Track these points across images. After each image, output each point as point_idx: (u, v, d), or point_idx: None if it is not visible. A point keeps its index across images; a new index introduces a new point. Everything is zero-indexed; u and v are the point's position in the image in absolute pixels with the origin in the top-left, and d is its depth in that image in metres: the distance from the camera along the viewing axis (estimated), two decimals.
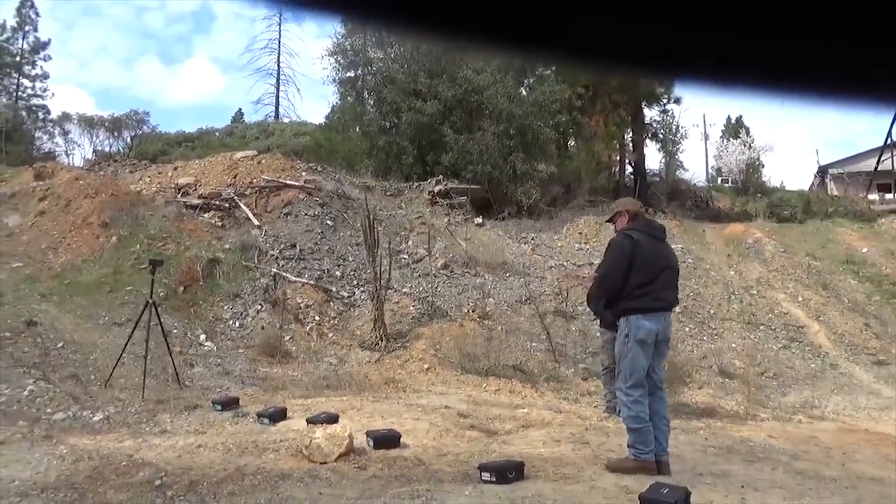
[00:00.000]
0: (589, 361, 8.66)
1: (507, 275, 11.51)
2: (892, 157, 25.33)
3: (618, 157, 20.10)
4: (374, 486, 3.66)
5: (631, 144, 19.42)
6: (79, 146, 25.24)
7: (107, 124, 24.49)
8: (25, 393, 6.25)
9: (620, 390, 4.28)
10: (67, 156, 24.62)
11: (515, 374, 7.96)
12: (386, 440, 4.62)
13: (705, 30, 0.53)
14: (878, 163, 26.06)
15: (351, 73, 21.96)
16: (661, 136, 19.74)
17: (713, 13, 0.52)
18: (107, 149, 24.49)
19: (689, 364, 8.94)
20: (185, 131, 28.17)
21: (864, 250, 13.87)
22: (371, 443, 4.59)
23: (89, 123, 24.41)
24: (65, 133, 25.22)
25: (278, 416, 5.59)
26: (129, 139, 25.17)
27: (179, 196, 12.63)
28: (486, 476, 3.65)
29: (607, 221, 5.17)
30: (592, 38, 0.55)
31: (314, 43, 72.53)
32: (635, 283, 4.22)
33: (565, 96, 16.85)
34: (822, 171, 34.83)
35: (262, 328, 9.46)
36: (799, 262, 13.31)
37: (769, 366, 9.27)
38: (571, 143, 20.21)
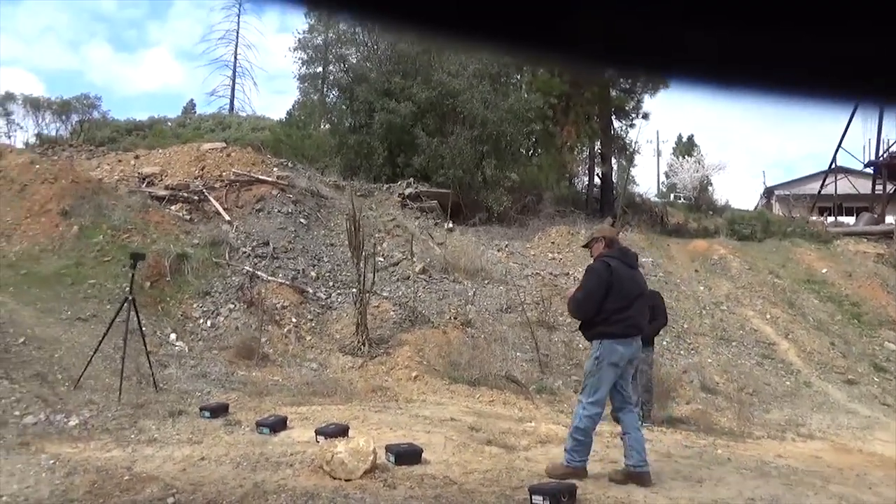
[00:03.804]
0: (578, 373, 8.57)
1: (486, 282, 11.36)
2: (835, 181, 26.55)
3: (587, 169, 20.25)
4: None
5: (600, 156, 19.58)
6: (21, 128, 23.76)
7: (54, 107, 23.12)
8: None
9: (580, 402, 4.48)
10: (8, 137, 23.15)
11: (507, 385, 7.79)
12: (408, 455, 4.37)
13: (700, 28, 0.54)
14: (821, 186, 27.20)
15: (319, 69, 21.43)
16: (628, 150, 19.99)
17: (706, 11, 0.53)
18: (52, 133, 23.16)
19: (671, 378, 8.96)
20: (136, 119, 26.98)
21: (824, 271, 14.32)
22: (392, 458, 4.33)
23: (35, 105, 23.00)
24: (7, 114, 23.68)
25: (279, 425, 5.26)
26: (77, 124, 23.86)
27: (144, 186, 11.99)
28: (537, 499, 3.45)
29: (584, 247, 5.36)
30: (586, 36, 0.56)
31: (273, 36, 70.66)
32: (611, 309, 4.39)
33: (539, 105, 16.83)
34: (769, 192, 36.22)
35: (237, 329, 9.02)
36: (764, 280, 13.62)
37: (746, 382, 9.40)
38: (539, 151, 20.24)
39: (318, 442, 4.78)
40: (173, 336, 8.64)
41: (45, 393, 6.19)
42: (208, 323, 9.16)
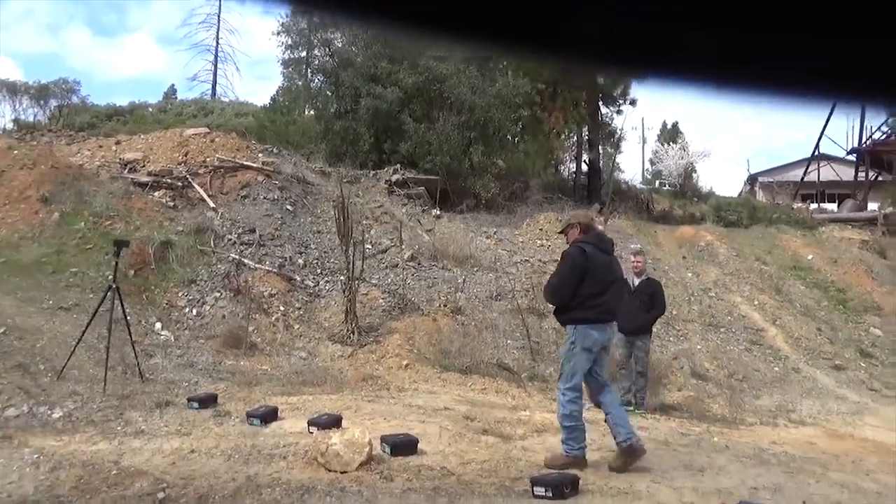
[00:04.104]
0: None
1: (475, 269, 11.27)
2: (818, 169, 26.72)
3: (574, 155, 20.20)
4: (419, 503, 3.32)
5: (587, 143, 19.52)
6: None
7: (32, 92, 22.59)
8: None
9: (559, 389, 4.50)
10: None
11: (499, 373, 7.73)
12: (403, 446, 4.29)
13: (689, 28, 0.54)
14: (804, 173, 27.36)
15: (303, 54, 21.10)
16: (615, 136, 19.95)
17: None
18: (30, 118, 22.63)
19: (661, 365, 8.95)
20: (116, 104, 26.44)
21: (810, 257, 14.39)
22: (388, 449, 4.24)
23: (12, 90, 22.44)
24: None
25: (270, 416, 5.15)
26: (55, 109, 23.33)
27: (126, 172, 11.73)
28: (539, 491, 3.38)
29: (559, 233, 5.37)
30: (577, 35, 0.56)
31: (256, 21, 69.80)
32: (586, 294, 4.42)
33: (527, 90, 16.69)
34: (752, 179, 36.41)
35: (224, 317, 8.87)
36: (751, 267, 13.67)
37: (736, 368, 9.41)
38: (525, 137, 20.13)
39: (310, 433, 4.68)
40: (158, 325, 8.47)
41: (27, 384, 6.03)
42: (194, 312, 9.00)
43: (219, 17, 35.11)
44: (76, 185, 10.57)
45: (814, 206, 25.58)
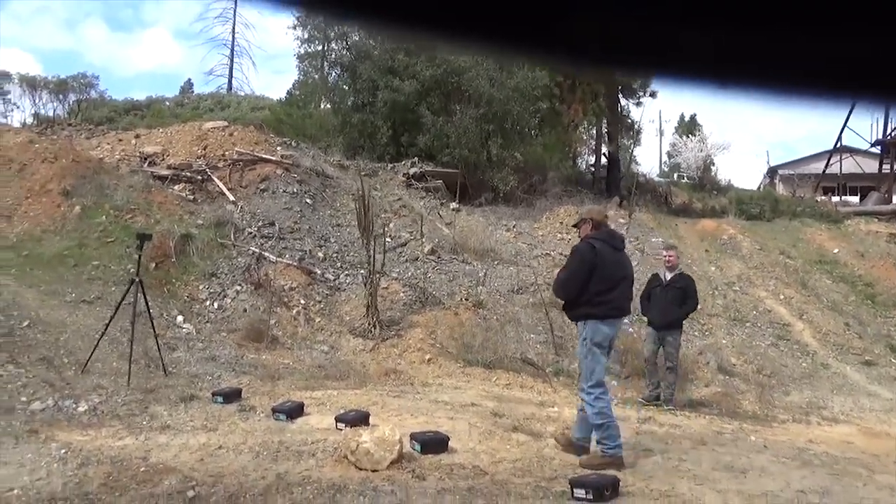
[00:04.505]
0: None
1: (496, 262, 11.16)
2: (839, 161, 26.26)
3: (593, 148, 19.98)
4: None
5: (606, 135, 19.28)
6: (18, 108, 23.40)
7: (51, 86, 22.72)
8: None
9: (582, 389, 4.48)
10: (4, 117, 22.80)
11: (523, 368, 7.62)
12: (434, 444, 4.20)
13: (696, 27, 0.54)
14: (826, 166, 26.92)
15: (319, 47, 21.01)
16: (634, 128, 19.70)
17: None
18: (49, 112, 22.77)
19: (687, 360, 8.79)
20: (134, 99, 26.54)
21: (836, 251, 14.12)
22: (418, 447, 4.15)
23: (31, 84, 22.59)
24: (2, 93, 23.33)
25: (296, 411, 5.08)
26: (74, 104, 23.47)
27: (146, 166, 11.72)
28: (579, 493, 3.27)
29: (573, 227, 5.43)
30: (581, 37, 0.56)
31: (271, 16, 69.98)
32: (595, 291, 4.41)
33: (546, 82, 16.49)
34: (772, 172, 35.93)
35: (245, 311, 8.83)
36: (775, 260, 13.43)
37: (763, 364, 9.23)
38: (543, 130, 19.92)
39: (338, 429, 4.61)
40: (180, 318, 8.44)
41: (52, 377, 6.01)
42: (215, 305, 8.97)
43: (234, 11, 35.15)
44: (97, 179, 10.58)
45: (836, 198, 25.17)
